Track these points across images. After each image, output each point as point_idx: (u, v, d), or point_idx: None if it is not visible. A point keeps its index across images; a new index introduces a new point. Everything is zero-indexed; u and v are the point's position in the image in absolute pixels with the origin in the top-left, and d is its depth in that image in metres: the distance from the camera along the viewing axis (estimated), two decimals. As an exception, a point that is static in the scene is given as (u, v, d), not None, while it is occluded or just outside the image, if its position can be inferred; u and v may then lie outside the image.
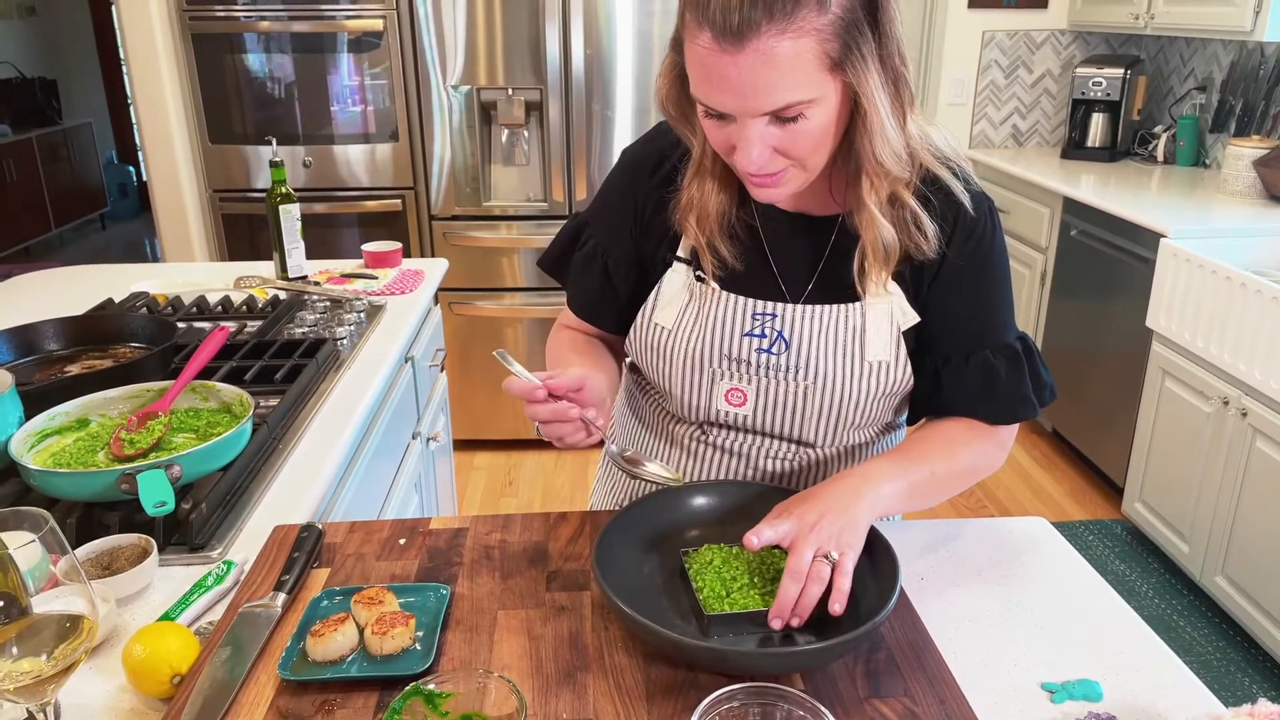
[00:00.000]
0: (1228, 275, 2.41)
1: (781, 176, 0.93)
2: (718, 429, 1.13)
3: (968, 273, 1.03)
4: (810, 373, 1.04)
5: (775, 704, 0.73)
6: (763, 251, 1.06)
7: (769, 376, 1.05)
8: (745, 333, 1.05)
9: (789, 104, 0.86)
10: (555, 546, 1.04)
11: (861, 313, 1.03)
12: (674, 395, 1.11)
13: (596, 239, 1.14)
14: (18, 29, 7.03)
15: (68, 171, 7.01)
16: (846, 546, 0.89)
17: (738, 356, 1.06)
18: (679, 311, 1.08)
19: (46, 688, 0.71)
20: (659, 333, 1.09)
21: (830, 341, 1.04)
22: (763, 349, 1.05)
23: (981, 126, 4.06)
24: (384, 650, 0.85)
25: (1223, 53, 3.40)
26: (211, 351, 1.38)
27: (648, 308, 1.10)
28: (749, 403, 1.07)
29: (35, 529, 0.72)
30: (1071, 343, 3.34)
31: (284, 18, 3.14)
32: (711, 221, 1.03)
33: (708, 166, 1.01)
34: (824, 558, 0.87)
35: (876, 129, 0.91)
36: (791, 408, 1.07)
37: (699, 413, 1.11)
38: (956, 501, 3.21)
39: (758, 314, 1.05)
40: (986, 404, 1.06)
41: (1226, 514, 2.45)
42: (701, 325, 1.06)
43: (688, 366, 1.07)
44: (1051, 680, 0.86)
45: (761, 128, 0.88)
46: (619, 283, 1.13)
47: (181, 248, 3.41)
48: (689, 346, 1.07)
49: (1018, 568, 1.05)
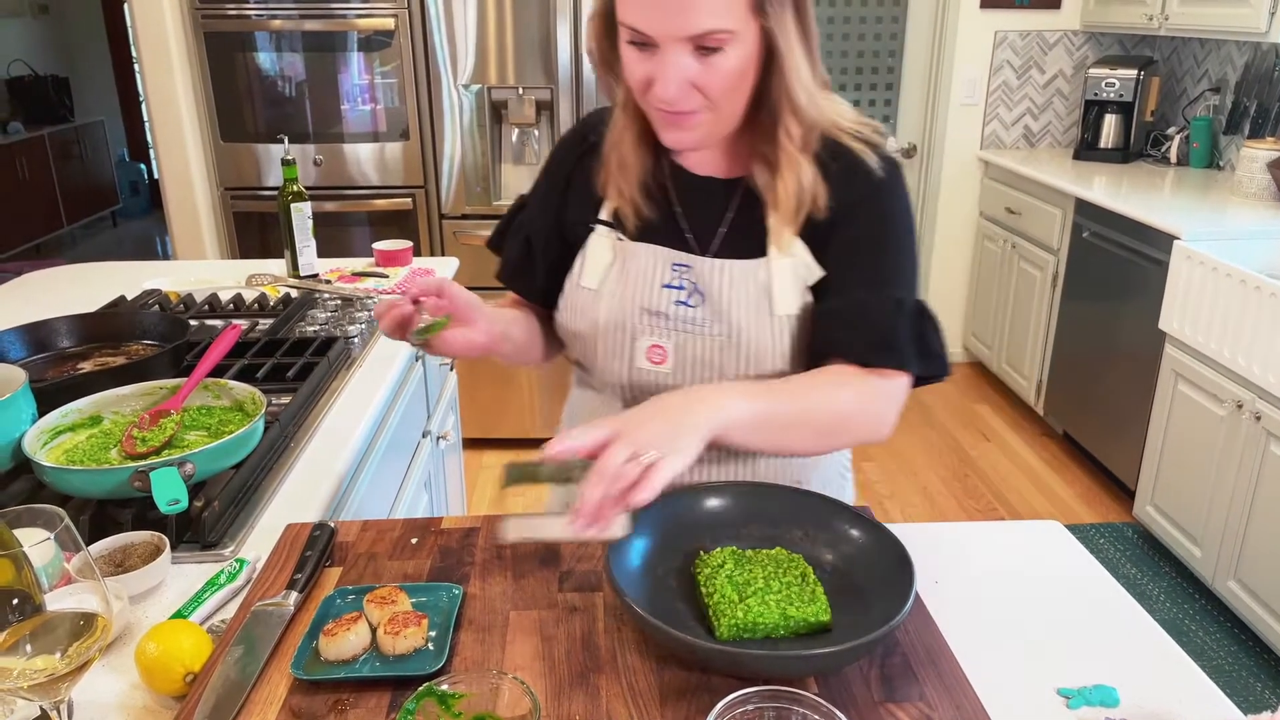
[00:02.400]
0: (1242, 278, 2.39)
1: (694, 119, 0.96)
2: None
3: (863, 230, 1.04)
4: (724, 325, 1.06)
5: (790, 707, 0.73)
6: (673, 210, 1.09)
7: (687, 330, 1.07)
8: (664, 284, 1.07)
9: (710, 30, 0.90)
10: (567, 547, 1.03)
11: (768, 268, 1.05)
12: (596, 362, 1.12)
13: (528, 211, 1.20)
14: (31, 27, 7.06)
15: (80, 169, 7.04)
16: (669, 451, 0.84)
17: (657, 309, 1.07)
18: (603, 272, 1.10)
19: (60, 685, 0.70)
20: (586, 296, 1.11)
21: (740, 294, 1.05)
22: (681, 301, 1.07)
23: (993, 127, 4.05)
24: (396, 650, 0.84)
25: (1237, 54, 3.38)
26: (224, 349, 1.38)
27: (574, 274, 1.13)
28: (669, 360, 1.08)
29: (49, 526, 0.71)
30: (1083, 345, 3.33)
31: (295, 16, 3.15)
32: (631, 175, 1.07)
33: (628, 119, 1.05)
34: (636, 459, 0.82)
35: (792, 71, 0.96)
36: (708, 364, 1.08)
37: (621, 378, 1.11)
38: (966, 504, 3.20)
39: (676, 265, 1.07)
40: (854, 339, 1.03)
41: (1239, 518, 2.43)
42: (624, 279, 1.09)
43: (611, 323, 1.09)
44: (1068, 686, 0.85)
45: (682, 57, 0.91)
46: (539, 251, 1.17)
47: (193, 245, 3.42)
48: (612, 302, 1.09)
49: (1032, 572, 1.04)
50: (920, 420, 3.84)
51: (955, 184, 4.12)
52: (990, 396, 4.05)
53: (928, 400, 4.02)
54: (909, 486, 3.33)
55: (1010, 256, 3.82)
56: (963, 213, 4.15)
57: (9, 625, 0.69)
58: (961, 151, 4.07)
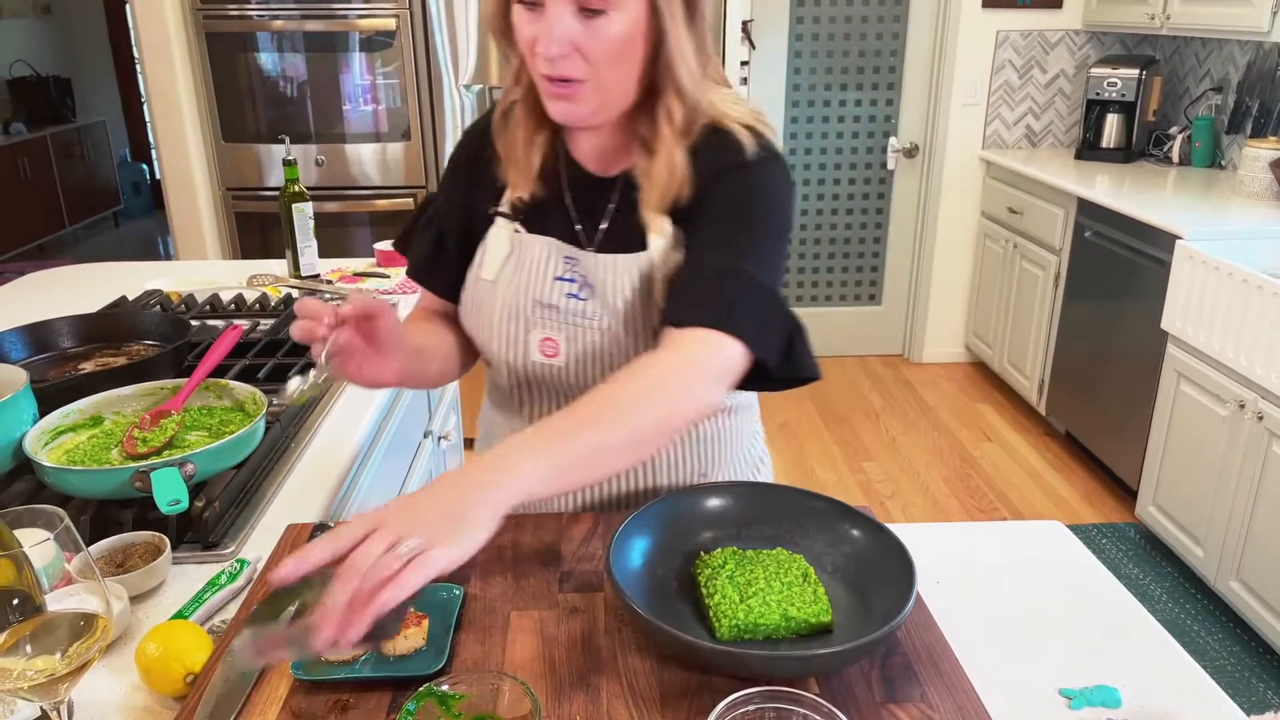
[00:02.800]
0: (1244, 277, 2.39)
1: (579, 90, 0.96)
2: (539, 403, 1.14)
3: (721, 205, 1.01)
4: (612, 318, 1.06)
5: (791, 708, 0.73)
6: (565, 206, 1.09)
7: (578, 323, 1.07)
8: (557, 276, 1.08)
9: None
10: (568, 547, 1.03)
11: (650, 260, 1.05)
12: (493, 354, 1.12)
13: (434, 205, 1.18)
14: (33, 27, 7.06)
15: (82, 169, 7.04)
16: (442, 540, 0.70)
17: (550, 302, 1.07)
18: (501, 263, 1.10)
19: (60, 686, 0.70)
20: (484, 287, 1.11)
21: (626, 288, 1.05)
22: (572, 294, 1.07)
23: (995, 127, 4.05)
24: (397, 651, 0.84)
25: (1239, 53, 3.37)
26: (225, 350, 1.38)
27: (475, 266, 1.13)
28: (562, 353, 1.08)
29: (49, 527, 0.71)
30: (1085, 345, 3.32)
31: (297, 17, 3.15)
32: (525, 157, 1.07)
33: (520, 90, 1.04)
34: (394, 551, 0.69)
35: (676, 50, 0.96)
36: (598, 357, 1.08)
37: (517, 371, 1.12)
38: (967, 503, 3.20)
39: (568, 257, 1.08)
40: (674, 304, 0.98)
41: (1242, 518, 2.43)
42: (520, 271, 1.09)
43: (505, 314, 1.09)
44: (1069, 686, 0.85)
45: (565, 15, 0.91)
46: (450, 245, 1.15)
47: (194, 246, 3.42)
48: (507, 293, 1.09)
49: (1034, 572, 1.04)
50: (922, 420, 3.84)
51: (957, 184, 4.11)
52: (992, 396, 4.04)
53: (929, 400, 4.02)
54: (910, 486, 3.33)
55: (1012, 256, 3.81)
56: (964, 213, 4.15)
57: (9, 626, 0.69)
58: (963, 151, 4.07)
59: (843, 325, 4.46)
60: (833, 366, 4.39)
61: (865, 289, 4.45)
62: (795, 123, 4.16)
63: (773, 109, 4.11)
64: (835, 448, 3.61)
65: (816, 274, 4.41)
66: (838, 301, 4.46)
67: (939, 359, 4.40)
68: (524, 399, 1.15)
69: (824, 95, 4.12)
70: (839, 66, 4.08)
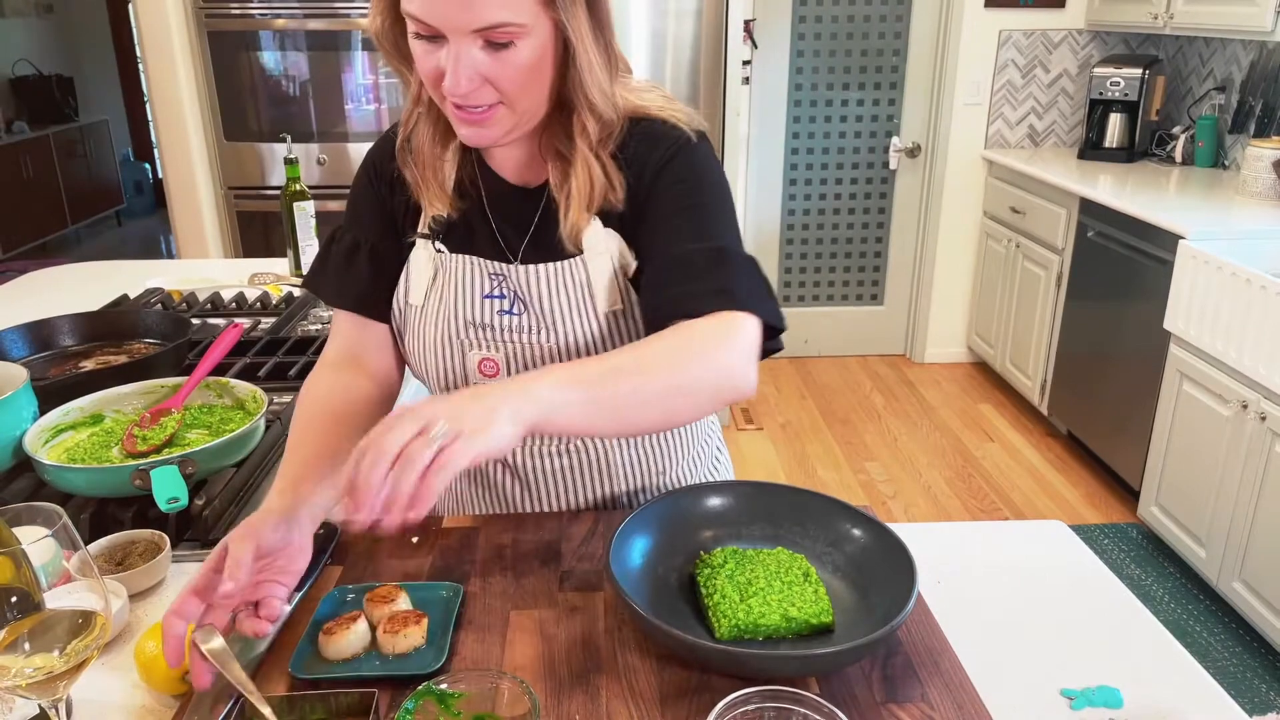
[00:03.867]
0: (1247, 278, 2.38)
1: (491, 115, 0.93)
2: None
3: (672, 194, 1.00)
4: (550, 331, 1.03)
5: (791, 708, 0.72)
6: (488, 220, 1.06)
7: (515, 340, 1.05)
8: (485, 294, 1.05)
9: (499, 23, 0.86)
10: (568, 546, 1.03)
11: (584, 265, 1.03)
12: (430, 378, 1.09)
13: (353, 233, 1.10)
14: (35, 26, 7.07)
15: (84, 168, 7.05)
16: (466, 430, 0.71)
17: (482, 322, 1.05)
18: (426, 287, 1.07)
19: (59, 684, 0.70)
20: (414, 313, 1.08)
21: (561, 298, 1.03)
22: (504, 310, 1.04)
23: (997, 126, 4.04)
24: (396, 650, 0.84)
25: (1242, 53, 3.37)
26: (225, 348, 1.38)
27: (400, 291, 1.09)
28: (502, 371, 1.06)
29: (48, 524, 0.71)
30: (1088, 345, 3.32)
31: (299, 15, 3.15)
32: (436, 173, 1.03)
33: (423, 110, 1.01)
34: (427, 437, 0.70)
35: (585, 67, 0.93)
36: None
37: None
38: (969, 504, 3.20)
39: (493, 274, 1.05)
40: (683, 293, 0.94)
41: (1245, 518, 2.42)
42: (447, 294, 1.06)
43: (439, 341, 1.06)
44: (1071, 686, 0.85)
45: (472, 51, 0.88)
46: (387, 264, 1.09)
47: (196, 244, 3.42)
48: (438, 319, 1.06)
49: (1036, 572, 1.03)
50: (923, 420, 3.83)
51: (959, 183, 4.11)
52: (994, 396, 4.04)
53: (932, 400, 4.02)
54: (912, 486, 3.32)
55: (1014, 256, 3.81)
56: (967, 212, 4.15)
57: (7, 623, 0.69)
58: (966, 151, 4.06)
59: (844, 325, 4.46)
60: (834, 366, 4.39)
61: (867, 289, 4.44)
62: (797, 122, 4.15)
63: (774, 108, 4.11)
64: (837, 447, 3.61)
65: (818, 274, 4.40)
66: (839, 301, 4.45)
67: (941, 359, 4.40)
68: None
69: (826, 95, 4.12)
70: (841, 66, 4.08)
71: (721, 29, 3.22)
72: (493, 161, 1.06)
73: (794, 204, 4.26)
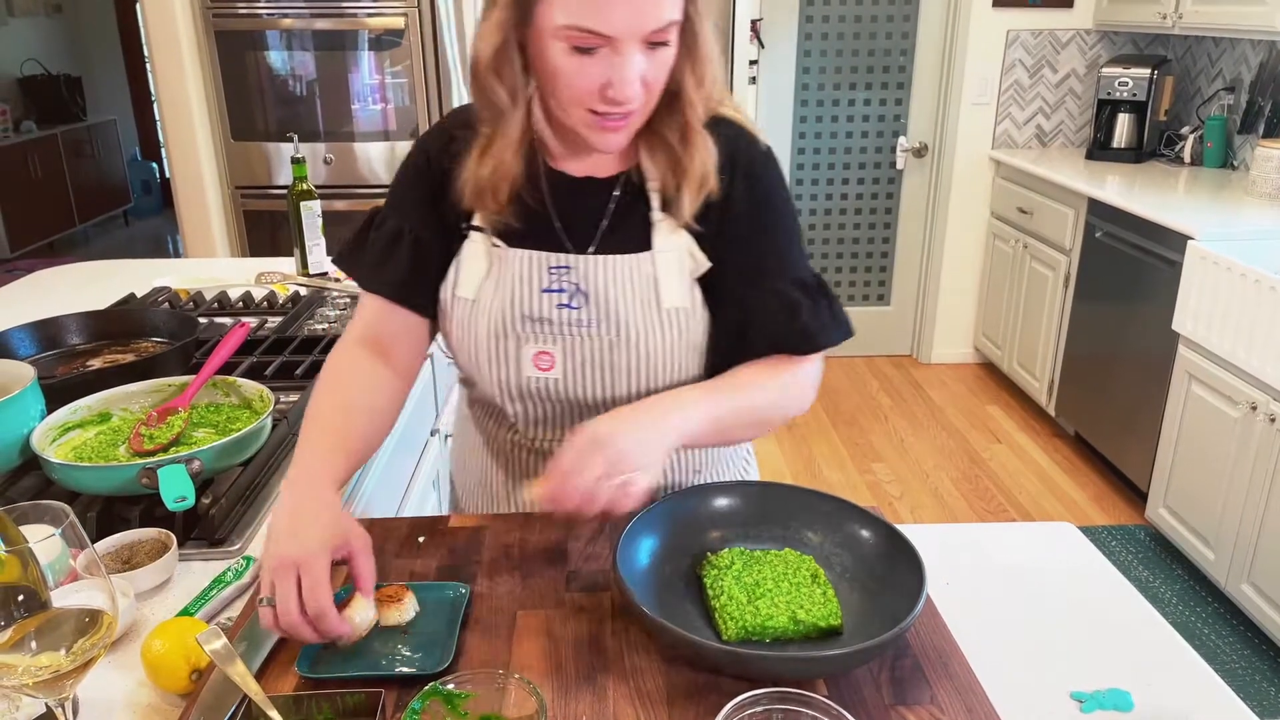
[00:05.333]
0: (1256, 278, 2.37)
1: (631, 118, 0.94)
2: (532, 414, 1.11)
3: (754, 212, 1.04)
4: (612, 324, 1.03)
5: (798, 710, 0.72)
6: (548, 215, 1.05)
7: (573, 334, 1.04)
8: (544, 288, 1.04)
9: (669, 22, 0.89)
10: (575, 546, 1.03)
11: (652, 261, 1.03)
12: (482, 374, 1.09)
13: (397, 220, 1.09)
14: (43, 26, 7.09)
15: (92, 168, 7.07)
16: (640, 466, 0.88)
17: (539, 315, 1.05)
18: (480, 281, 1.07)
19: (65, 682, 0.70)
20: (463, 306, 1.07)
21: (626, 291, 1.03)
22: (563, 304, 1.04)
23: (1005, 126, 4.03)
24: (387, 622, 0.87)
25: (1251, 53, 3.35)
26: (232, 347, 1.38)
27: (449, 283, 1.08)
28: (557, 365, 1.06)
29: (55, 523, 0.71)
30: (1095, 346, 3.30)
31: (306, 15, 3.15)
32: (508, 184, 1.02)
33: (513, 128, 0.99)
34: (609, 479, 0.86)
35: (708, 54, 0.96)
36: (598, 365, 1.05)
37: (509, 388, 1.08)
38: (976, 505, 3.19)
39: (553, 267, 1.04)
40: (791, 334, 1.04)
41: (1253, 520, 2.41)
42: (502, 288, 1.05)
43: (492, 334, 1.06)
44: (1081, 689, 0.84)
45: (638, 55, 0.90)
46: (429, 256, 1.08)
47: (203, 243, 3.43)
48: (492, 312, 1.05)
49: (1045, 574, 1.03)
50: (931, 421, 3.82)
51: (966, 184, 4.10)
52: (1001, 397, 4.03)
53: (938, 401, 4.01)
54: (919, 488, 3.31)
55: (1022, 256, 3.80)
56: (974, 212, 4.13)
57: (14, 621, 0.69)
58: (973, 151, 4.05)
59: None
60: (841, 367, 4.38)
61: (874, 289, 4.43)
62: (804, 122, 4.14)
63: (781, 108, 4.11)
64: (843, 448, 3.60)
65: (825, 274, 4.36)
66: (846, 301, 4.44)
67: (948, 359, 4.39)
68: (516, 412, 1.11)
69: (833, 94, 4.11)
70: (848, 66, 4.07)
71: (728, 29, 3.22)
72: (555, 157, 1.06)
73: (800, 204, 4.25)
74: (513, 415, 1.12)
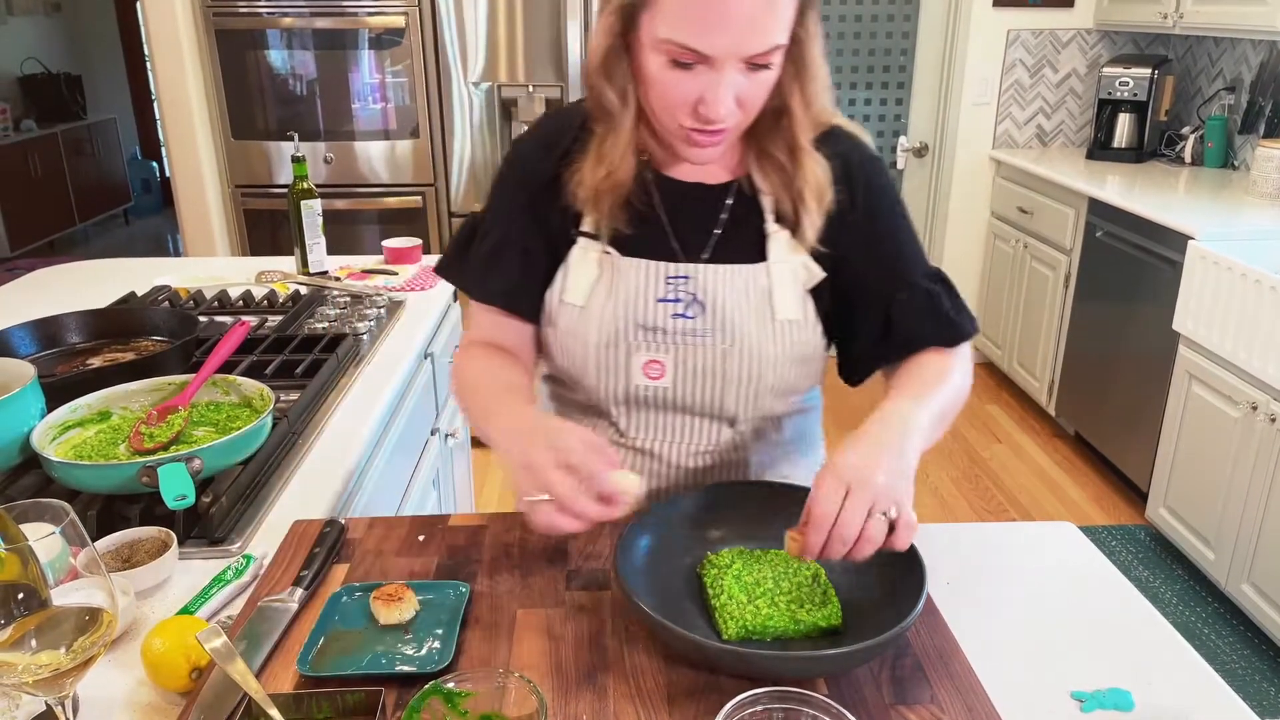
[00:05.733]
0: (1257, 278, 2.37)
1: (726, 133, 0.94)
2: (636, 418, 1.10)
3: (876, 214, 1.05)
4: (726, 334, 1.03)
5: (799, 709, 0.72)
6: (660, 221, 1.05)
7: (686, 343, 1.04)
8: (659, 298, 1.04)
9: (774, 46, 0.89)
10: (575, 545, 1.03)
11: (767, 272, 1.03)
12: (588, 380, 1.08)
13: (501, 228, 1.09)
14: (43, 25, 7.09)
15: (92, 166, 7.07)
16: (903, 495, 0.85)
17: (653, 324, 1.04)
18: (590, 287, 1.06)
19: (65, 681, 0.70)
20: (572, 312, 1.06)
21: (741, 301, 1.03)
22: (679, 314, 1.04)
23: (1005, 126, 4.03)
24: (388, 621, 0.87)
25: (1252, 53, 3.35)
26: (232, 345, 1.38)
27: (556, 289, 1.07)
28: (668, 373, 1.05)
29: (55, 521, 0.71)
30: (1096, 346, 3.30)
31: (306, 14, 3.15)
32: (620, 188, 1.02)
33: (625, 139, 0.99)
34: (880, 515, 0.83)
35: (817, 74, 0.96)
36: (710, 374, 1.05)
37: (615, 394, 1.08)
38: (976, 505, 3.19)
39: (671, 277, 1.04)
40: (940, 327, 1.06)
41: (1254, 521, 2.41)
42: (615, 297, 1.04)
43: (602, 342, 1.05)
44: (1081, 689, 0.84)
45: (736, 75, 0.89)
46: (536, 263, 1.08)
47: (204, 242, 3.43)
48: (604, 320, 1.05)
49: (1046, 574, 1.03)
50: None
51: (967, 183, 4.09)
52: (1001, 397, 4.03)
53: (938, 401, 4.00)
54: (919, 487, 3.27)
55: (1022, 256, 3.80)
56: (974, 212, 4.13)
57: (14, 620, 0.69)
58: (973, 151, 4.05)
59: (851, 325, 4.45)
60: (841, 366, 4.37)
61: (874, 289, 4.43)
62: (804, 122, 4.14)
63: (782, 108, 4.10)
64: (843, 448, 3.60)
65: (825, 273, 4.39)
66: (846, 301, 4.44)
67: (948, 359, 4.38)
68: (619, 415, 1.11)
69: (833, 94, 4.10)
70: (849, 65, 4.07)
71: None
72: (662, 163, 1.05)
73: (801, 204, 4.25)
74: (614, 417, 1.11)
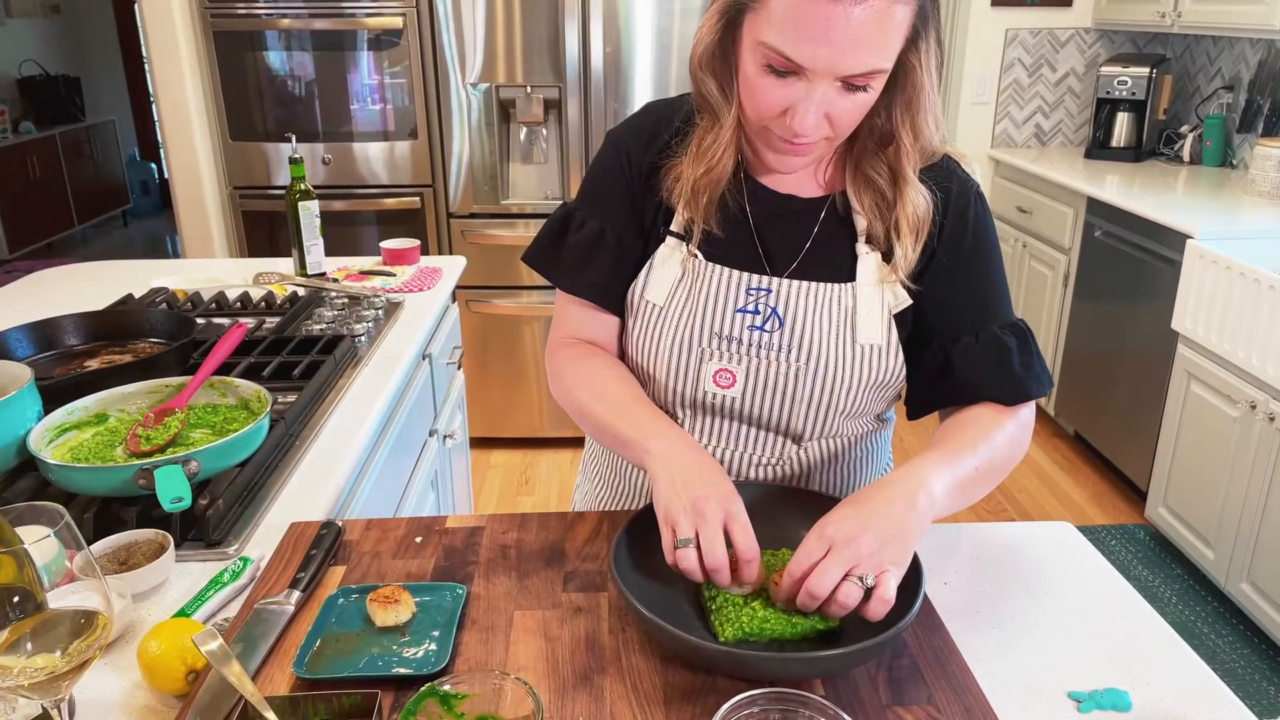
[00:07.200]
0: (1255, 277, 2.37)
1: (813, 147, 0.93)
2: (701, 423, 1.09)
3: (966, 252, 1.03)
4: (803, 352, 1.02)
5: (796, 710, 0.72)
6: (749, 229, 1.04)
7: (760, 356, 1.03)
8: (738, 308, 1.03)
9: (874, 70, 0.86)
10: (572, 546, 1.03)
11: (853, 294, 1.02)
12: (658, 378, 1.07)
13: (597, 220, 1.08)
14: (42, 27, 7.09)
15: (90, 168, 7.07)
16: (889, 564, 0.81)
17: (729, 334, 1.03)
18: (671, 288, 1.05)
19: (61, 684, 0.70)
20: (650, 310, 1.06)
21: (823, 320, 1.02)
22: (755, 326, 1.02)
23: (1004, 126, 4.03)
24: (384, 624, 0.87)
25: (1250, 52, 3.35)
26: (230, 347, 1.38)
27: (639, 285, 1.07)
28: (738, 384, 1.04)
29: (51, 524, 0.71)
30: (1095, 345, 3.30)
31: (304, 15, 3.15)
32: (716, 188, 1.00)
33: (728, 136, 0.98)
34: (856, 580, 0.80)
35: (927, 104, 0.93)
36: (781, 390, 1.03)
37: (684, 397, 1.07)
38: (976, 505, 3.18)
39: (752, 289, 1.02)
40: (1002, 381, 1.02)
41: (1253, 520, 2.41)
42: (693, 301, 1.03)
43: (677, 345, 1.04)
44: (1079, 689, 0.84)
45: (829, 92, 0.87)
46: (629, 257, 1.07)
47: (202, 244, 3.43)
48: (680, 324, 1.04)
49: (1044, 574, 1.02)
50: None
51: (965, 183, 4.09)
52: (1000, 397, 4.02)
53: (937, 400, 4.00)
54: (918, 487, 3.31)
55: (1021, 256, 3.80)
56: (973, 212, 4.13)
57: (10, 623, 0.68)
58: (972, 150, 4.05)
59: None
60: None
61: (873, 289, 4.43)
62: (803, 122, 4.14)
63: (780, 108, 4.10)
64: (842, 448, 3.59)
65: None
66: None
67: (947, 359, 4.38)
68: (684, 418, 1.09)
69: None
70: (847, 65, 4.07)
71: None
72: (757, 170, 1.04)
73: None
74: (680, 419, 1.10)
